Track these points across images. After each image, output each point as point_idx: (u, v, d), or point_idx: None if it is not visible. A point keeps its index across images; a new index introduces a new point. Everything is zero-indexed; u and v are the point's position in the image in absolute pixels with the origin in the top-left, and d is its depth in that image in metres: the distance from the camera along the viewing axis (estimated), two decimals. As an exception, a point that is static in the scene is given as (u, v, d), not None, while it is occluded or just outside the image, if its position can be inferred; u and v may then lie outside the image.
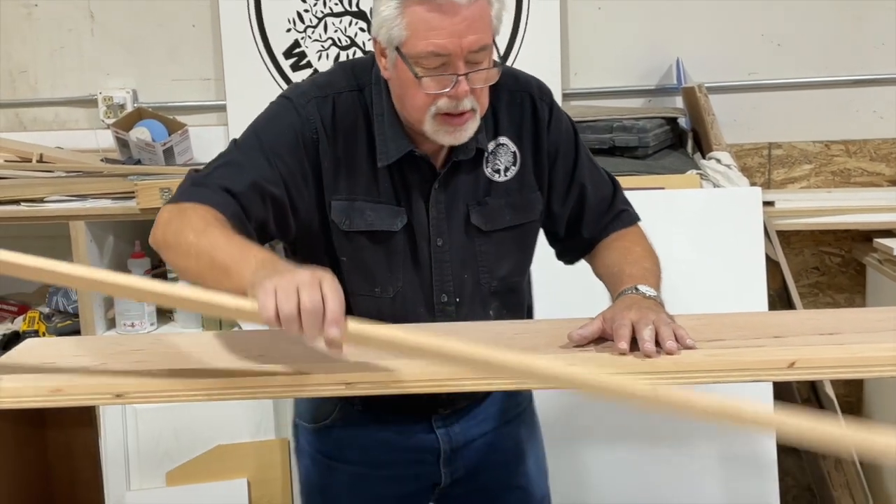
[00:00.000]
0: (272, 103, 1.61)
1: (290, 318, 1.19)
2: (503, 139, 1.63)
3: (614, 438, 2.49)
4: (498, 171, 1.62)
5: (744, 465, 2.48)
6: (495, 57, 1.50)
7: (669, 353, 1.37)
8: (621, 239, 1.70)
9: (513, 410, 1.80)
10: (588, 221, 1.71)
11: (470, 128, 1.50)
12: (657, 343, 1.38)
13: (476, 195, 1.62)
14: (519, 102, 1.63)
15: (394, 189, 1.58)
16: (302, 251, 1.63)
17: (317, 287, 1.21)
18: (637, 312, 1.43)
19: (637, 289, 1.52)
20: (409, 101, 1.50)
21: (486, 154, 1.60)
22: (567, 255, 1.78)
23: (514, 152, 1.63)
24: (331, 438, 1.74)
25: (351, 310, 1.30)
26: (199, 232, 1.38)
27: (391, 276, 1.60)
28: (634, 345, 1.39)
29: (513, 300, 1.70)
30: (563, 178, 1.68)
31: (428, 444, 1.71)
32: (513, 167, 1.63)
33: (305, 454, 1.79)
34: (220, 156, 1.57)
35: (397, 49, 1.46)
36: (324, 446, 1.75)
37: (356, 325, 1.25)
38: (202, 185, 1.49)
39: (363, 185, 1.57)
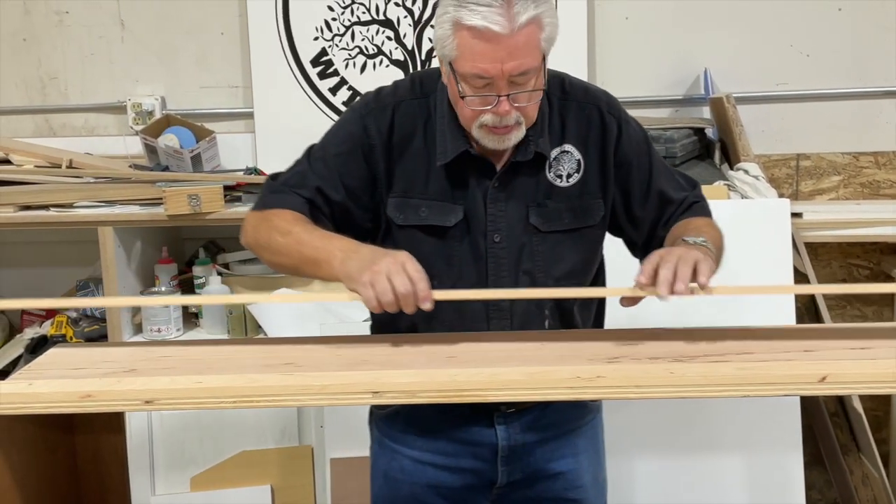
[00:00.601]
0: (346, 110, 1.83)
1: (390, 304, 1.47)
2: (568, 147, 1.71)
3: (639, 448, 2.48)
4: (560, 177, 1.71)
5: (770, 478, 2.46)
6: (543, 75, 1.56)
7: (677, 293, 1.46)
8: (687, 221, 1.75)
9: (576, 421, 1.81)
10: (664, 220, 1.78)
11: (514, 136, 1.61)
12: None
13: (536, 197, 1.70)
14: (586, 114, 1.72)
15: (451, 187, 1.69)
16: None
17: (402, 271, 1.47)
18: (666, 250, 1.54)
19: (684, 239, 1.60)
20: (458, 111, 1.63)
21: (548, 159, 1.70)
22: (646, 252, 1.79)
23: (579, 160, 1.72)
24: (396, 425, 1.81)
25: None
26: (285, 233, 1.61)
27: (449, 270, 1.69)
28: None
29: (569, 304, 1.75)
30: (640, 185, 1.75)
31: (487, 439, 1.75)
32: (576, 174, 1.71)
33: (375, 439, 1.88)
34: (295, 163, 1.76)
35: (450, 65, 1.57)
36: (390, 431, 1.82)
37: (440, 293, 1.52)
38: (279, 192, 1.71)
39: (420, 184, 1.69)
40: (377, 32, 3.14)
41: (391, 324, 1.69)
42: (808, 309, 2.73)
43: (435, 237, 1.69)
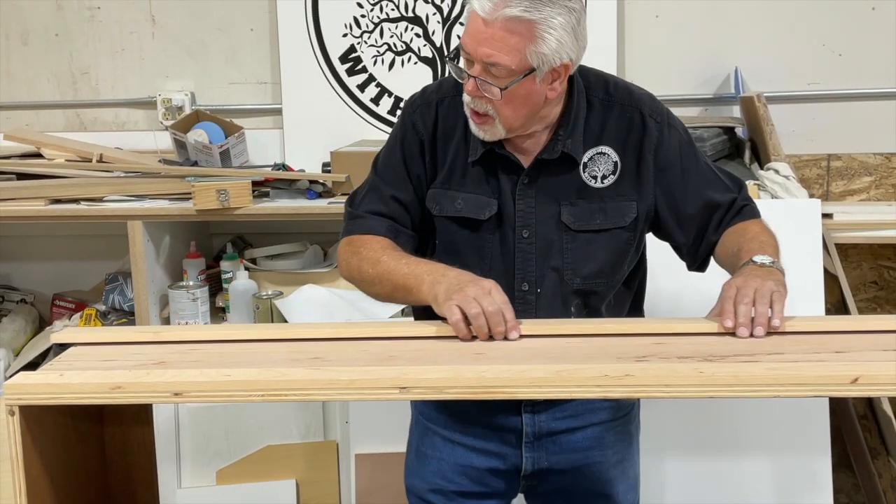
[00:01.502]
0: (400, 112, 1.87)
1: (481, 328, 1.55)
2: (606, 149, 1.73)
3: (667, 450, 2.46)
4: (595, 178, 1.73)
5: (797, 480, 2.44)
6: (511, 84, 1.60)
7: (756, 336, 1.52)
8: (742, 227, 1.77)
9: (605, 414, 1.82)
10: (714, 226, 1.78)
11: (489, 130, 1.66)
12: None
13: (569, 196, 1.73)
14: (629, 117, 1.74)
15: (487, 182, 1.74)
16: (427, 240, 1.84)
17: (490, 298, 1.56)
18: (742, 280, 1.58)
19: (753, 260, 1.63)
20: None
21: (581, 160, 1.72)
22: (698, 260, 1.83)
23: (616, 162, 1.74)
24: (431, 403, 1.86)
25: None
26: (374, 263, 1.71)
27: (481, 261, 1.75)
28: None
29: (596, 303, 1.77)
30: (683, 189, 1.76)
31: (512, 424, 1.78)
32: (611, 175, 1.73)
33: (413, 417, 1.94)
34: (365, 181, 1.84)
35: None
36: (425, 409, 1.88)
37: (527, 326, 1.60)
38: (359, 217, 1.80)
39: (458, 177, 1.75)
40: (406, 29, 3.14)
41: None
42: (837, 310, 2.70)
43: (468, 229, 1.75)
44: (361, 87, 3.18)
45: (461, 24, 3.03)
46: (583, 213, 1.72)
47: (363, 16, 3.15)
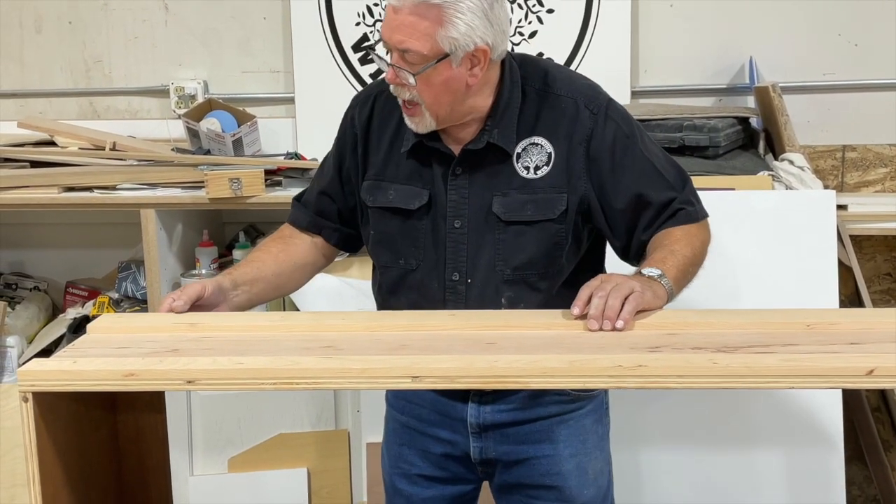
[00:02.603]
0: None
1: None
2: (539, 139, 1.72)
3: (678, 442, 2.46)
4: (528, 168, 1.72)
5: (810, 472, 2.43)
6: (427, 68, 1.61)
7: (604, 329, 1.52)
8: (667, 232, 1.72)
9: (555, 408, 1.80)
10: (644, 225, 1.74)
11: (420, 122, 1.68)
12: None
13: (501, 187, 1.72)
14: (563, 107, 1.72)
15: (420, 172, 1.76)
16: (362, 231, 1.88)
17: (179, 293, 1.70)
18: (609, 275, 1.61)
19: (641, 271, 1.62)
20: None
21: (513, 151, 1.71)
22: (629, 257, 1.81)
23: (550, 153, 1.72)
24: (393, 390, 1.90)
25: (381, 279, 1.82)
26: (257, 248, 1.91)
27: (414, 250, 1.77)
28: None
29: (528, 294, 1.74)
30: (614, 184, 1.72)
31: (460, 413, 1.80)
32: (545, 167, 1.72)
33: (386, 402, 1.96)
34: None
35: None
36: (391, 395, 1.93)
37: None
38: (293, 207, 1.94)
39: (391, 169, 1.78)
40: (419, 18, 3.13)
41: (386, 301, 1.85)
42: (852, 302, 2.69)
43: (399, 219, 1.77)
44: (374, 76, 3.17)
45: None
46: (514, 204, 1.71)
47: (376, 4, 3.14)
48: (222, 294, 1.73)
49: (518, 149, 1.72)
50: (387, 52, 1.65)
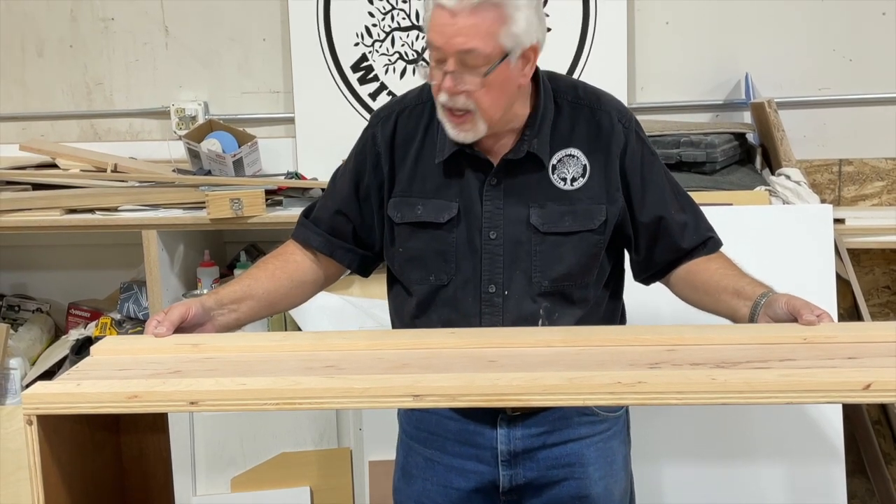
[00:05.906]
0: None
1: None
2: (574, 151, 1.74)
3: (679, 456, 2.46)
4: (564, 180, 1.73)
5: (811, 486, 2.44)
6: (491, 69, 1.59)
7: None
8: (714, 262, 1.78)
9: (584, 430, 1.80)
10: (663, 247, 1.79)
11: (470, 129, 1.65)
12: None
13: (538, 198, 1.73)
14: (597, 120, 1.75)
15: (449, 185, 1.74)
16: (386, 252, 1.84)
17: (163, 315, 1.69)
18: (793, 298, 1.64)
19: (772, 291, 1.69)
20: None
21: (548, 162, 1.72)
22: (642, 275, 1.85)
23: (585, 165, 1.74)
24: (412, 420, 1.87)
25: (411, 296, 1.78)
26: (256, 266, 1.86)
27: (445, 265, 1.74)
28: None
29: (565, 306, 1.75)
30: (641, 198, 1.76)
31: (488, 441, 1.78)
32: (581, 178, 1.74)
33: (399, 435, 1.93)
34: (326, 189, 1.90)
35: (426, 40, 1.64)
36: (408, 426, 1.89)
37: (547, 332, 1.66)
38: (303, 225, 1.88)
39: (418, 184, 1.76)
40: (417, 38, 3.16)
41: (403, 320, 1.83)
42: (850, 315, 2.70)
43: (428, 234, 1.74)
44: (373, 96, 3.19)
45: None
46: (552, 216, 1.72)
47: (374, 25, 3.17)
48: (206, 314, 1.71)
49: (553, 160, 1.73)
50: (435, 62, 1.61)
